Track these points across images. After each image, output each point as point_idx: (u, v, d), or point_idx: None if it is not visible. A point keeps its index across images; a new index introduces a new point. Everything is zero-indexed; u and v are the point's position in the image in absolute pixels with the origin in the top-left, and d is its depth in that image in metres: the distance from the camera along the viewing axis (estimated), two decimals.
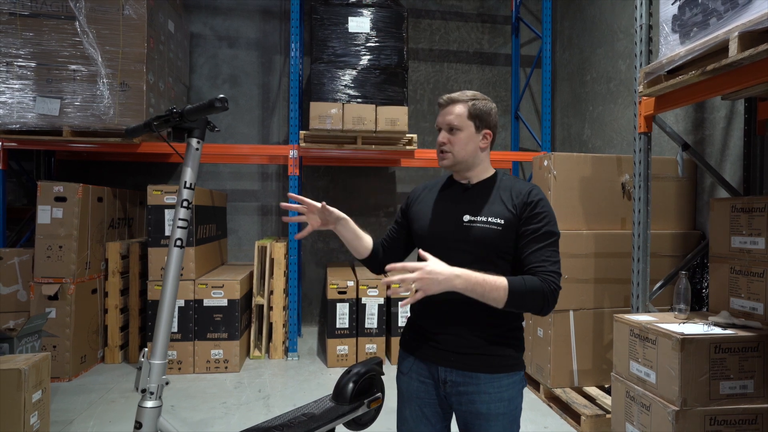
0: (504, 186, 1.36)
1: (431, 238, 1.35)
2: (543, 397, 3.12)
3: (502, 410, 1.27)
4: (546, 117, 4.49)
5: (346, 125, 3.81)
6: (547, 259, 1.24)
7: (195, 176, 1.19)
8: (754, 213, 2.22)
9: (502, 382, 1.28)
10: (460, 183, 1.41)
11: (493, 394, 1.27)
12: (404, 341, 1.43)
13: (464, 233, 1.29)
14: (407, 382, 1.38)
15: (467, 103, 1.35)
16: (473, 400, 1.28)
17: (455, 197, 1.38)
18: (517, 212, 1.28)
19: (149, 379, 1.10)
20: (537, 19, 5.17)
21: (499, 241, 1.27)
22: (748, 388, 1.98)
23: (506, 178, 1.40)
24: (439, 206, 1.39)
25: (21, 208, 4.39)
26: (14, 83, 3.55)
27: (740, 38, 1.75)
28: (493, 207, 1.30)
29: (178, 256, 1.20)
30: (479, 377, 1.28)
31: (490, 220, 1.28)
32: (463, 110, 1.34)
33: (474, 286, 1.14)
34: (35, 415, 1.99)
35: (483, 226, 1.27)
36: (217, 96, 1.12)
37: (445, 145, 1.35)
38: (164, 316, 1.16)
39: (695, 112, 3.17)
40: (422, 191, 1.49)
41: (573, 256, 3.03)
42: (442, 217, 1.36)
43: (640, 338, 2.16)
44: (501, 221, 1.27)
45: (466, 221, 1.30)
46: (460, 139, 1.34)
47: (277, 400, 3.13)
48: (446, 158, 1.36)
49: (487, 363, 1.28)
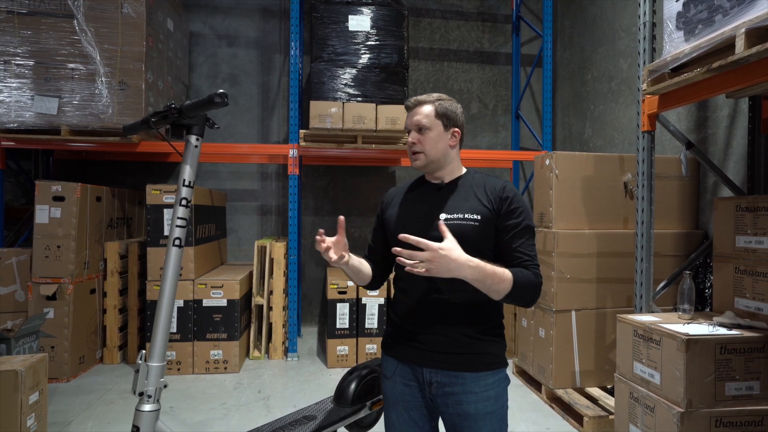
0: (477, 183, 1.38)
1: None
2: (545, 398, 3.10)
3: (490, 409, 1.29)
4: (547, 116, 4.47)
5: (346, 124, 3.78)
6: (530, 253, 1.28)
7: (194, 174, 1.16)
8: (759, 212, 2.20)
9: (488, 381, 1.29)
10: (433, 183, 1.42)
11: (479, 393, 1.28)
12: (386, 344, 1.43)
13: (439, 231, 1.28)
14: (391, 386, 1.38)
15: (434, 103, 1.38)
16: (460, 400, 1.28)
17: (429, 197, 1.39)
18: (493, 207, 1.31)
19: (147, 381, 1.07)
20: (538, 18, 5.14)
21: (478, 236, 1.29)
22: (754, 389, 1.96)
23: (478, 175, 1.42)
24: (414, 207, 1.40)
25: (19, 207, 4.36)
26: (12, 82, 3.52)
27: (747, 35, 1.73)
28: (469, 204, 1.32)
29: (176, 255, 1.17)
30: (465, 377, 1.28)
31: (467, 216, 1.29)
32: (430, 110, 1.37)
33: (485, 277, 1.15)
34: (32, 416, 1.97)
35: (460, 223, 1.29)
36: (217, 91, 1.09)
37: (415, 145, 1.37)
38: (162, 317, 1.14)
39: (698, 111, 3.15)
40: (394, 195, 1.50)
41: (575, 256, 3.01)
42: (417, 218, 1.36)
43: (644, 339, 2.14)
44: (478, 217, 1.29)
45: (443, 219, 1.30)
46: (430, 138, 1.36)
47: (277, 401, 3.10)
48: (418, 158, 1.37)
49: (472, 362, 1.29)
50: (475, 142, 5.25)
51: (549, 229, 3.10)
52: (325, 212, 5.03)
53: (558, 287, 3.00)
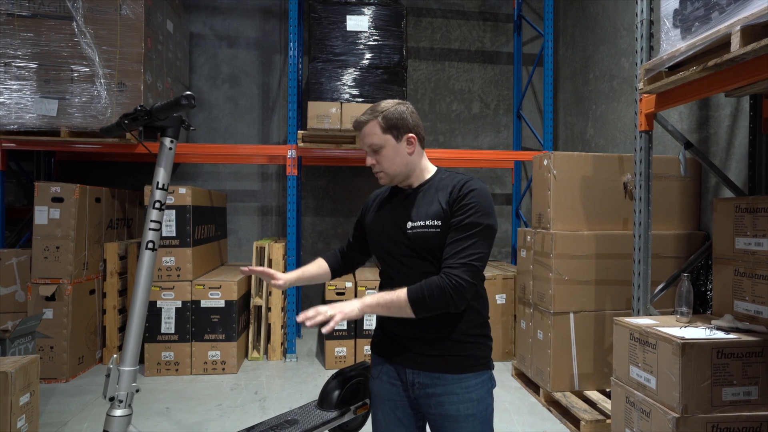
0: (442, 185, 1.33)
1: (381, 250, 1.39)
2: (543, 401, 3.06)
3: (472, 411, 1.27)
4: (548, 116, 4.42)
5: (344, 125, 3.77)
6: (458, 252, 1.21)
7: (168, 177, 1.15)
8: (758, 213, 2.15)
9: (470, 383, 1.29)
10: (402, 190, 1.41)
11: (461, 395, 1.27)
12: (374, 345, 1.46)
13: (409, 240, 1.30)
14: (378, 386, 1.40)
15: (377, 118, 1.33)
16: (442, 402, 1.28)
17: (398, 205, 1.39)
18: (449, 207, 1.27)
19: (118, 386, 1.06)
20: (539, 17, 5.10)
21: (441, 242, 1.26)
22: (752, 394, 1.92)
23: (445, 175, 1.37)
24: (386, 217, 1.40)
25: (21, 208, 4.39)
26: (13, 84, 3.55)
27: (742, 32, 1.68)
28: (430, 209, 1.30)
29: (149, 259, 1.16)
30: (446, 378, 1.28)
31: (428, 223, 1.27)
32: (375, 128, 1.33)
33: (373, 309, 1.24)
34: (23, 418, 1.97)
35: (423, 231, 1.28)
36: (184, 93, 1.08)
37: (375, 165, 1.36)
38: (135, 321, 1.13)
39: (700, 110, 3.10)
40: (373, 201, 1.51)
41: (573, 257, 2.97)
42: (388, 228, 1.37)
43: (640, 342, 2.10)
44: (438, 222, 1.26)
45: (409, 228, 1.30)
46: (386, 155, 1.34)
47: (273, 403, 3.09)
48: (382, 178, 1.37)
49: (452, 363, 1.29)
50: (476, 142, 5.22)
51: (547, 230, 3.06)
52: (325, 212, 5.02)
53: (556, 289, 2.97)
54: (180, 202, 3.63)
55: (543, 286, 3.09)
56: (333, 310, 1.20)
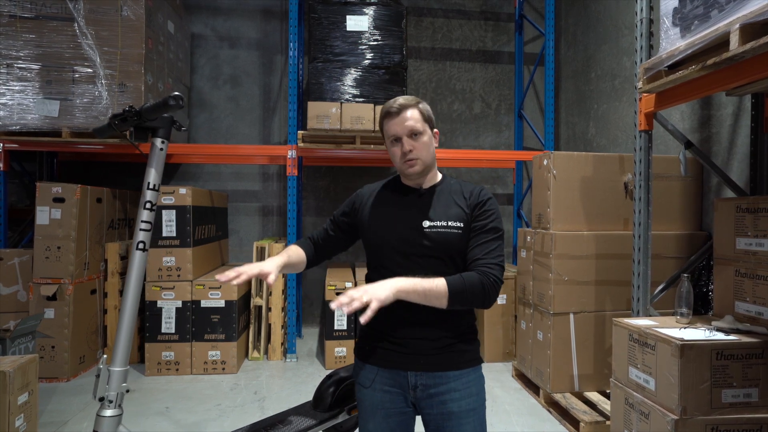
0: (455, 189, 1.38)
1: (389, 247, 1.33)
2: (542, 402, 3.05)
3: (472, 405, 1.30)
4: (549, 116, 4.40)
5: (344, 125, 3.77)
6: (489, 252, 1.27)
7: (159, 177, 1.15)
8: (759, 213, 2.13)
9: (469, 378, 1.32)
10: (412, 189, 1.39)
11: (462, 391, 1.30)
12: (362, 351, 1.39)
13: (426, 239, 1.30)
14: (370, 395, 1.34)
15: (418, 106, 1.34)
16: (444, 400, 1.29)
17: (409, 203, 1.37)
18: (470, 212, 1.32)
19: (108, 386, 1.06)
20: (540, 16, 5.07)
21: (462, 243, 1.30)
22: (752, 396, 1.90)
23: (454, 181, 1.43)
24: (393, 215, 1.37)
25: (24, 208, 4.42)
26: (15, 85, 3.57)
27: (741, 30, 1.67)
28: (451, 211, 1.32)
29: (140, 260, 1.16)
30: (448, 376, 1.30)
31: (450, 224, 1.30)
32: (417, 114, 1.33)
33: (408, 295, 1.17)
34: (21, 417, 1.98)
35: (444, 231, 1.30)
36: (172, 94, 1.08)
37: (412, 152, 1.32)
38: (125, 321, 1.13)
39: (701, 110, 3.07)
40: (368, 197, 1.45)
41: (573, 258, 2.95)
42: (399, 225, 1.34)
43: (639, 343, 2.09)
44: (461, 224, 1.31)
45: (427, 227, 1.30)
46: (424, 142, 1.33)
47: (272, 403, 3.09)
48: (416, 164, 1.33)
49: (455, 360, 1.31)
50: (478, 142, 5.20)
51: (547, 231, 3.05)
52: (326, 213, 5.02)
53: (556, 289, 2.95)
54: (180, 202, 3.64)
55: (543, 286, 3.07)
56: (367, 295, 1.11)
